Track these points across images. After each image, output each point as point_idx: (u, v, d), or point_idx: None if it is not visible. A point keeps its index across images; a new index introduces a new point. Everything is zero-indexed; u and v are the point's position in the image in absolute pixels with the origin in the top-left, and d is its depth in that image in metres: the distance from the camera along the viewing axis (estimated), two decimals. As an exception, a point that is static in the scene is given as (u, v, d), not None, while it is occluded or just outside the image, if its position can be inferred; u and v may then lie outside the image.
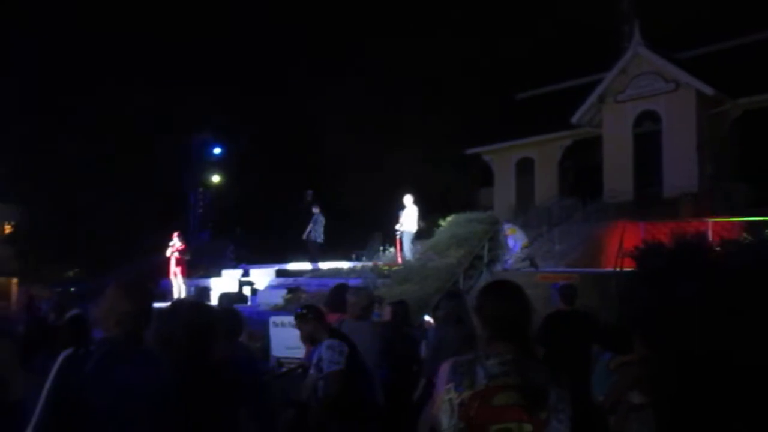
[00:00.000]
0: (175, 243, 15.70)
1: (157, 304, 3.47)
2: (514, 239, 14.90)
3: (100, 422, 2.66)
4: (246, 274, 17.11)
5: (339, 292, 6.09)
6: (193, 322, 3.66)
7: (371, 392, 5.04)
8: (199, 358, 3.46)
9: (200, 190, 26.93)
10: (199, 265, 18.89)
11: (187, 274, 16.04)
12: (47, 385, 2.72)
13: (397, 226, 15.73)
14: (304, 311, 5.00)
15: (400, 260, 15.62)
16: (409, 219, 15.57)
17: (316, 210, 17.71)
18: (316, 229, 17.34)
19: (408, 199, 15.68)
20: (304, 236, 17.66)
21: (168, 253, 15.64)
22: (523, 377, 2.58)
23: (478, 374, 2.60)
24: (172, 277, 15.55)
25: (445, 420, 2.61)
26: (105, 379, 2.70)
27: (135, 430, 2.70)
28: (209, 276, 17.62)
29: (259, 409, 4.19)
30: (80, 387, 2.66)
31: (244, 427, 3.76)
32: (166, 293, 15.87)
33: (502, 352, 2.65)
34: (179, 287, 15.48)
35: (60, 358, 2.77)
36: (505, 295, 2.83)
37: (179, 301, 5.41)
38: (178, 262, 15.52)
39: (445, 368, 2.70)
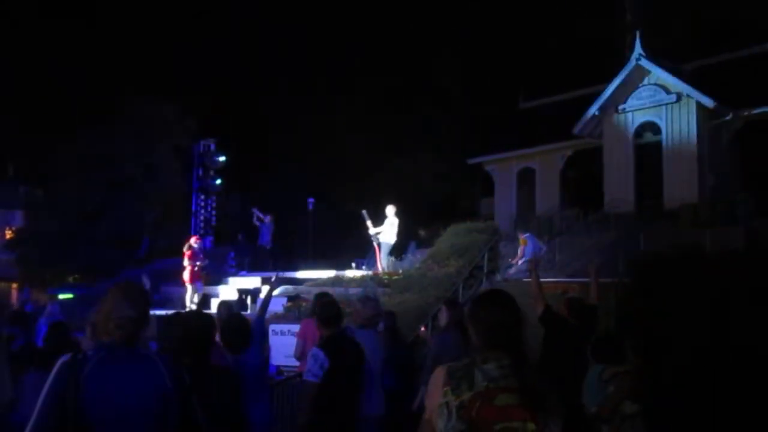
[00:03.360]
0: (192, 248, 15.16)
1: (160, 311, 3.52)
2: (525, 250, 14.97)
3: (97, 426, 2.67)
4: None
5: (326, 303, 5.40)
6: (191, 330, 3.73)
7: (370, 403, 5.05)
8: (196, 365, 3.50)
9: (202, 196, 26.96)
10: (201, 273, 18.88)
11: (205, 280, 15.66)
12: (44, 389, 2.74)
13: (371, 231, 15.72)
14: (314, 314, 5.14)
15: (379, 268, 15.64)
16: (388, 230, 15.58)
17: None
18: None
19: (390, 210, 15.70)
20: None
21: (185, 259, 15.08)
22: (522, 380, 2.61)
23: (476, 377, 2.61)
24: (187, 282, 15.03)
25: (442, 423, 2.62)
26: (103, 383, 2.71)
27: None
28: (218, 283, 17.52)
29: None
30: (77, 391, 2.67)
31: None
32: (166, 300, 15.79)
33: (499, 357, 2.67)
34: (193, 293, 14.94)
35: (58, 363, 2.79)
36: (499, 304, 2.84)
37: (180, 310, 5.47)
38: (197, 269, 15.03)
39: (440, 373, 2.71)
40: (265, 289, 13.72)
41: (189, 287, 14.94)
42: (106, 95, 29.36)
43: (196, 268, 14.99)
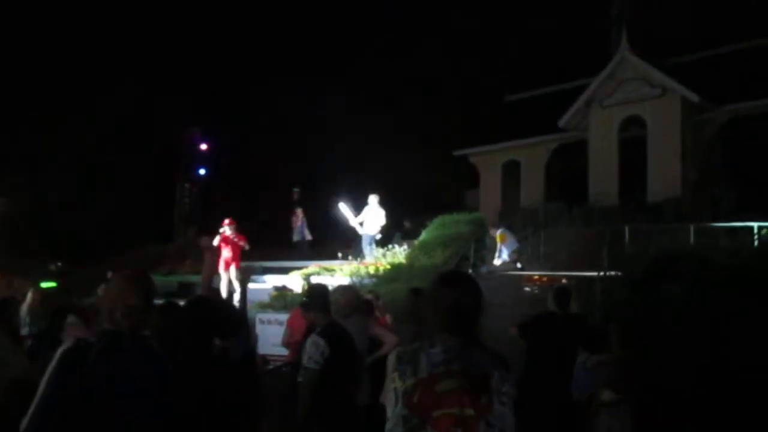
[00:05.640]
0: (226, 231, 13.53)
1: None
2: (505, 246, 15.02)
3: (98, 415, 2.66)
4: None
5: (323, 292, 5.52)
6: (192, 317, 3.72)
7: (361, 391, 5.07)
8: (197, 352, 3.50)
9: (186, 185, 26.83)
10: (185, 261, 18.80)
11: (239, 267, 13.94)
12: (46, 376, 2.72)
13: (351, 223, 15.40)
14: (307, 300, 5.05)
15: (366, 258, 15.29)
16: (371, 220, 15.25)
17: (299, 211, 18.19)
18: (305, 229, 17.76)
19: (373, 199, 15.32)
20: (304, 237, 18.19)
21: (217, 242, 13.59)
22: (465, 363, 2.59)
23: (421, 363, 2.61)
24: (221, 270, 13.58)
25: (390, 408, 2.65)
26: (107, 372, 2.70)
27: (134, 423, 2.72)
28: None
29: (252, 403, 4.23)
30: (80, 380, 2.66)
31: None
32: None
33: (446, 340, 2.64)
34: (228, 281, 13.53)
35: (60, 350, 2.76)
36: (458, 286, 2.79)
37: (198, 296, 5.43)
38: (235, 254, 13.57)
39: (391, 358, 2.73)
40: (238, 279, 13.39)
41: (222, 275, 13.61)
42: (90, 82, 29.08)
43: (230, 254, 13.58)
